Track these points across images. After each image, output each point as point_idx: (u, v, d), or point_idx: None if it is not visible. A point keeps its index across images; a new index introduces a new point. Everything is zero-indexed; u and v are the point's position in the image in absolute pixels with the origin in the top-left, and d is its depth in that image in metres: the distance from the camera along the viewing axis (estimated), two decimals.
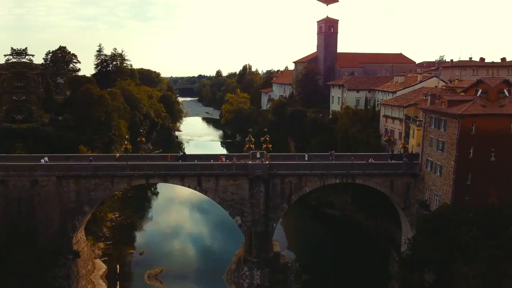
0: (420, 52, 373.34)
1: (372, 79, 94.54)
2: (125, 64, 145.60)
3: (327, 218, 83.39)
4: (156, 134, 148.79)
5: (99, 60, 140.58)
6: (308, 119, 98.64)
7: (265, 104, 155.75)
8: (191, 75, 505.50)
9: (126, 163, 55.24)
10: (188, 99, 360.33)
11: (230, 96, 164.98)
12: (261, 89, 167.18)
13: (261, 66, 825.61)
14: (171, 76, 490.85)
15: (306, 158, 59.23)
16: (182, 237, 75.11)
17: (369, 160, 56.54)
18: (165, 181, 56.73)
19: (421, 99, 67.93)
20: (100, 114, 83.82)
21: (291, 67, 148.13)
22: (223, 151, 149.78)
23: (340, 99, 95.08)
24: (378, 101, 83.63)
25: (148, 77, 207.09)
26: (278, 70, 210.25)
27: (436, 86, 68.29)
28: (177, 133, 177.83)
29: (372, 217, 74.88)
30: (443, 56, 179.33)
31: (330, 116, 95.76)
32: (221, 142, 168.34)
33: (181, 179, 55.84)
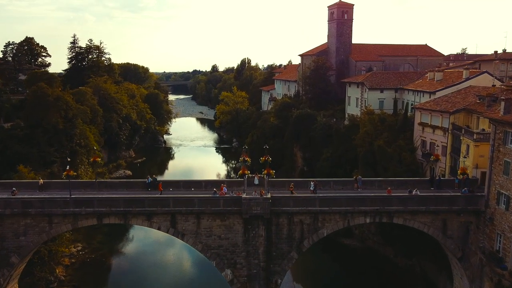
0: (438, 44, 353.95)
1: (398, 76, 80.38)
2: (103, 58, 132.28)
3: (344, 251, 69.89)
4: (139, 139, 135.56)
5: (73, 54, 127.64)
6: (319, 124, 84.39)
7: (265, 104, 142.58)
8: (185, 70, 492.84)
9: (68, 196, 40.98)
10: (182, 96, 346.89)
11: (226, 95, 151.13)
12: (261, 86, 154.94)
13: (261, 60, 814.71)
14: (164, 72, 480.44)
15: (311, 188, 45.05)
16: (159, 282, 60.61)
17: (414, 192, 42.18)
18: (126, 220, 42.60)
19: (473, 102, 54.31)
20: (57, 120, 69.54)
21: (296, 61, 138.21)
22: (219, 158, 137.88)
23: (359, 100, 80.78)
24: (411, 103, 69.60)
25: (135, 73, 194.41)
26: (281, 65, 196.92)
27: (493, 85, 54.00)
28: (165, 137, 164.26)
29: (404, 253, 60.97)
30: (466, 48, 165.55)
31: (347, 122, 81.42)
32: (216, 147, 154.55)
33: (148, 218, 41.89)
